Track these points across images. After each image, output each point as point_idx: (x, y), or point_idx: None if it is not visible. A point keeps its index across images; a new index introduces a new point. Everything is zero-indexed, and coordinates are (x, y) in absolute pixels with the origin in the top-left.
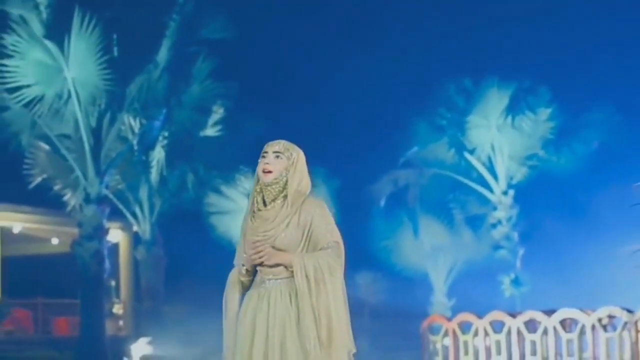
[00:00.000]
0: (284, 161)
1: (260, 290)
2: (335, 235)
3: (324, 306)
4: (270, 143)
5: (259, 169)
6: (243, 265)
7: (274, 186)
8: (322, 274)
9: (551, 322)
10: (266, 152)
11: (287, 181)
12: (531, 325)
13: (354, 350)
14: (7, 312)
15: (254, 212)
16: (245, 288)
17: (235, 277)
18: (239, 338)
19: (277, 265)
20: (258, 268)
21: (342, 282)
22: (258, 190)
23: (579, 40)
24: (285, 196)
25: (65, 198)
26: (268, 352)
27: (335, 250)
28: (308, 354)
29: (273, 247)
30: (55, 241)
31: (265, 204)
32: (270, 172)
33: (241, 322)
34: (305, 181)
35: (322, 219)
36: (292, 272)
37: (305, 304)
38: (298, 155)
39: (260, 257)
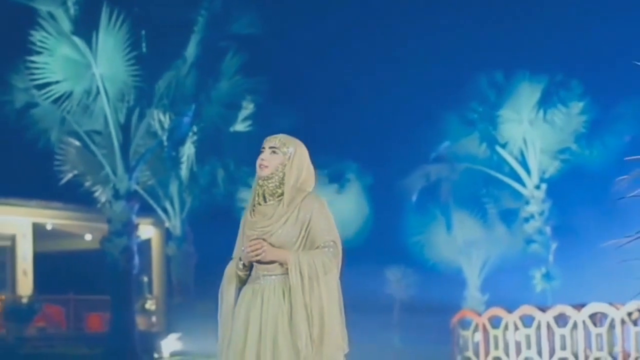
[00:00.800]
0: (280, 156)
1: (255, 286)
2: (333, 235)
3: (317, 304)
4: (269, 138)
5: (257, 163)
6: (240, 260)
7: (271, 181)
8: (317, 272)
9: (581, 317)
10: (263, 148)
11: (283, 177)
12: (561, 320)
13: (347, 350)
14: (38, 309)
15: (254, 206)
16: (242, 282)
17: (232, 271)
18: (233, 333)
19: (273, 261)
20: (254, 263)
21: (337, 282)
22: (260, 184)
23: (611, 33)
24: (283, 193)
25: (96, 194)
26: (260, 348)
27: (332, 249)
28: (299, 351)
29: (269, 244)
30: (88, 237)
31: (265, 200)
32: (265, 167)
33: (235, 318)
34: (305, 176)
35: (320, 217)
36: (287, 269)
37: (298, 301)
38: (295, 150)
39: (256, 255)
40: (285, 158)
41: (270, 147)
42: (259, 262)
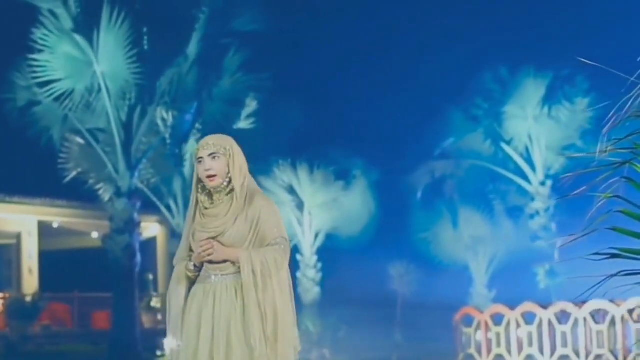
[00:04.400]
0: (222, 159)
1: (206, 285)
2: (283, 232)
3: (270, 302)
4: (201, 147)
5: (201, 175)
6: (190, 261)
7: (221, 186)
8: (269, 269)
9: (582, 314)
10: (201, 158)
11: (230, 175)
12: (562, 317)
13: (299, 348)
14: (43, 307)
15: (201, 210)
16: (192, 283)
17: (181, 273)
18: (185, 334)
19: (224, 261)
20: (205, 263)
21: (289, 278)
22: (200, 190)
23: (616, 28)
24: (232, 191)
25: (100, 192)
26: (213, 347)
27: (282, 246)
28: (253, 349)
29: (221, 243)
30: (94, 235)
31: (212, 202)
32: (214, 176)
33: (186, 318)
34: (245, 167)
35: (269, 214)
36: (239, 267)
37: (251, 299)
38: (232, 146)
39: (208, 255)
40: (227, 157)
41: (210, 154)
42: (210, 262)
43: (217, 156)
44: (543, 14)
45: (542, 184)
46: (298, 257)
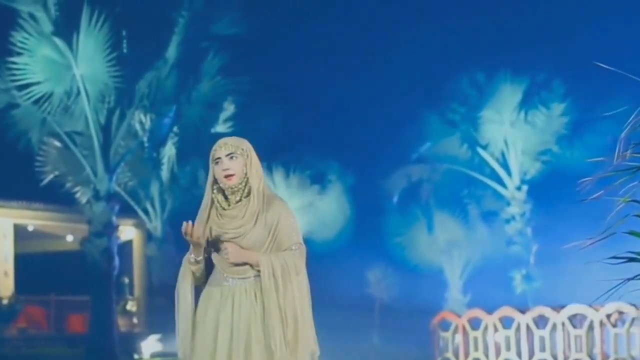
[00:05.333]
0: (240, 159)
1: (223, 288)
2: (299, 237)
3: (290, 306)
4: (218, 147)
5: (218, 175)
6: (191, 253)
7: (238, 187)
8: (289, 273)
9: (560, 318)
10: (219, 158)
11: (247, 176)
12: (540, 321)
13: (318, 353)
14: (19, 310)
15: (218, 210)
16: (196, 279)
17: (186, 270)
18: (201, 337)
19: (243, 264)
20: (220, 266)
21: (307, 283)
22: (216, 191)
23: (592, 33)
24: (249, 193)
25: (77, 195)
26: (232, 351)
27: (300, 251)
28: (273, 353)
29: (240, 246)
30: (69, 238)
31: (228, 203)
32: (232, 175)
33: (202, 321)
34: (260, 170)
35: (288, 220)
36: (258, 271)
37: (272, 303)
38: (249, 148)
39: (225, 257)
40: (245, 158)
41: (227, 155)
42: (235, 264)
43: (235, 156)
44: (520, 19)
45: (518, 188)
46: None
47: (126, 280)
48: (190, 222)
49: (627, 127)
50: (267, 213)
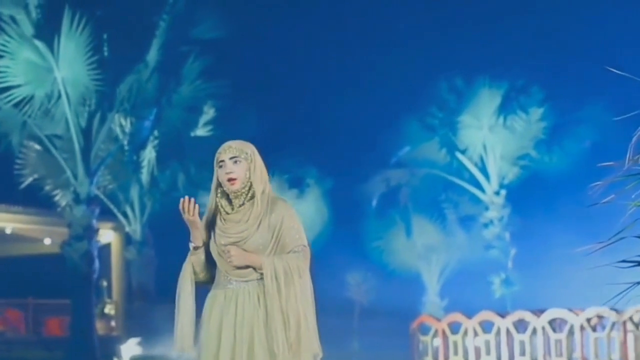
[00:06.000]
0: (244, 163)
1: (227, 291)
2: (303, 239)
3: (293, 309)
4: (222, 150)
5: (221, 178)
6: (191, 242)
7: (241, 190)
8: (292, 276)
9: (540, 322)
10: (223, 161)
11: (251, 180)
12: (520, 326)
13: (321, 355)
14: None
15: (222, 214)
16: (198, 276)
17: (186, 271)
18: (205, 339)
19: (246, 267)
20: (224, 269)
21: (310, 285)
22: (219, 195)
23: (571, 38)
24: (252, 196)
25: (56, 198)
26: (235, 354)
27: (303, 253)
28: (276, 356)
29: (243, 249)
30: (47, 241)
31: (232, 207)
32: (235, 179)
33: (207, 323)
34: (265, 173)
35: (291, 222)
36: (261, 274)
37: (275, 306)
38: (252, 151)
39: (228, 260)
40: (248, 162)
41: (231, 158)
42: (238, 267)
43: (239, 160)
44: (498, 25)
45: (497, 193)
46: None
47: (104, 283)
48: (187, 197)
49: (638, 132)
50: (271, 216)
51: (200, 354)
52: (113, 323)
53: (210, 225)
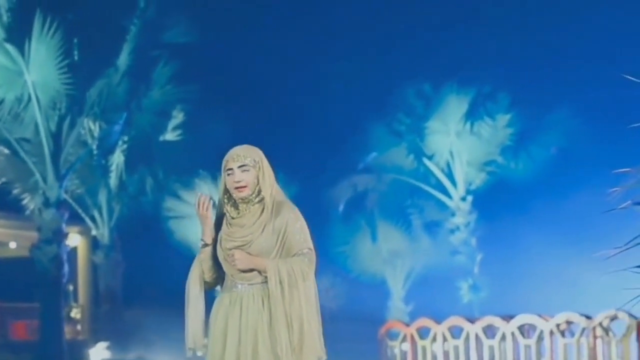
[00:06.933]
0: (252, 171)
1: (232, 294)
2: (309, 242)
3: (296, 312)
4: (231, 158)
5: (229, 186)
6: (202, 239)
7: (249, 197)
8: (296, 279)
9: (509, 328)
10: (231, 169)
11: (259, 187)
12: (489, 331)
13: (325, 357)
14: None
15: (227, 219)
16: (206, 275)
17: (195, 274)
18: (211, 342)
19: (251, 270)
20: (230, 272)
21: (314, 289)
22: (226, 200)
23: (538, 45)
24: (260, 201)
25: (25, 202)
26: (240, 356)
27: (308, 256)
28: (279, 359)
29: (248, 253)
30: (12, 245)
31: (238, 212)
32: (244, 187)
33: (212, 326)
34: (272, 178)
35: (296, 225)
36: (265, 277)
37: (278, 309)
38: (261, 158)
39: (232, 263)
40: (257, 169)
41: (240, 166)
42: (242, 271)
43: (247, 168)
44: (466, 30)
45: (463, 199)
46: None
47: (70, 287)
48: (203, 194)
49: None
50: (275, 219)
51: (206, 356)
52: (79, 327)
53: (217, 228)
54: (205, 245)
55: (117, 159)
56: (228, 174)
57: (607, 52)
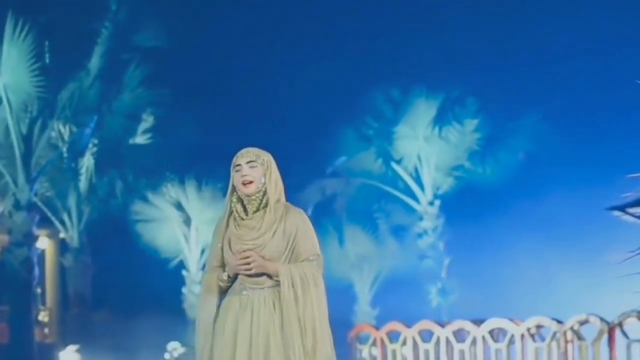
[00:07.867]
0: (260, 168)
1: (242, 298)
2: (317, 248)
3: (309, 317)
4: (240, 155)
5: (236, 182)
6: (224, 271)
7: (255, 195)
8: (309, 284)
9: (480, 332)
10: (239, 165)
11: (265, 187)
12: (460, 335)
13: None
14: None
15: (236, 220)
16: (223, 293)
17: (212, 282)
18: (220, 346)
19: (262, 274)
20: (240, 275)
21: (324, 294)
22: (235, 200)
23: (506, 50)
24: (267, 204)
25: None
26: (252, 359)
27: (318, 262)
28: None
29: (260, 256)
30: None
31: (247, 212)
32: (250, 182)
33: (221, 330)
34: (280, 183)
35: (305, 230)
36: (276, 281)
37: (292, 313)
38: (270, 159)
39: (248, 268)
40: (265, 167)
41: (248, 162)
42: (250, 275)
43: (255, 165)
44: (435, 35)
45: (431, 203)
46: (184, 272)
47: (39, 290)
48: (253, 255)
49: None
50: (285, 224)
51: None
52: (47, 330)
53: (224, 231)
54: (229, 277)
55: (87, 162)
56: (236, 170)
57: (574, 58)
